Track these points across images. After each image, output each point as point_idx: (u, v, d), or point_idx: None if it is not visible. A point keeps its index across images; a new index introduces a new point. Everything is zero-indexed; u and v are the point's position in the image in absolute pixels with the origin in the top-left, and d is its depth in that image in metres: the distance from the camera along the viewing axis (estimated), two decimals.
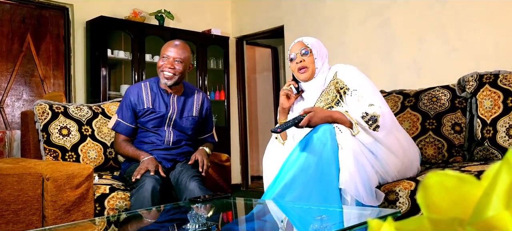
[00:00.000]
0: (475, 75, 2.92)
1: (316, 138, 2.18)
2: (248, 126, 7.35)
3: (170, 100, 2.98)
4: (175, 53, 2.92)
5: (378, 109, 2.32)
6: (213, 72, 6.84)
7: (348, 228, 1.55)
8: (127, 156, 2.92)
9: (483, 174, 0.40)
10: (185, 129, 3.00)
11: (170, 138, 2.95)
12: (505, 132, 2.69)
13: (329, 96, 2.55)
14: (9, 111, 5.20)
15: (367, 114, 2.30)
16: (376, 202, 2.16)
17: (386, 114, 2.34)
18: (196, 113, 3.05)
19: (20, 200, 2.39)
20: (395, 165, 2.35)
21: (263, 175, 2.58)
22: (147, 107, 2.94)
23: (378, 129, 2.28)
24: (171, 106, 2.97)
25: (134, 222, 2.29)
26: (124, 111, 2.97)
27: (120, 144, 2.96)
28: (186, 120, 3.00)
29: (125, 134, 2.97)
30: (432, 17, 4.82)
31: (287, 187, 2.14)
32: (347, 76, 2.52)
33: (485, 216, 0.37)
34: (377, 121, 2.29)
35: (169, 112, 2.95)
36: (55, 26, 5.56)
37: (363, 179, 2.14)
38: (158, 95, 2.98)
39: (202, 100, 3.11)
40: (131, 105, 2.96)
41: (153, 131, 2.94)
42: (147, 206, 2.48)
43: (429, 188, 0.40)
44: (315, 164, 2.14)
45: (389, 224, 0.42)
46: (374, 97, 2.41)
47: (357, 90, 2.45)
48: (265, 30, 6.76)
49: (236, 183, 6.95)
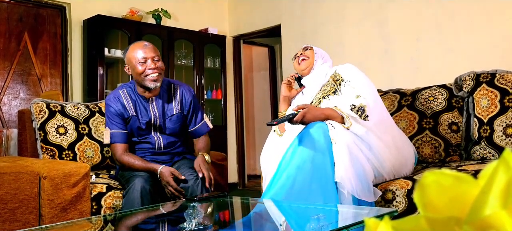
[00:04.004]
0: (472, 75, 2.93)
1: (310, 135, 2.21)
2: (245, 124, 7.35)
3: (149, 106, 2.85)
4: (151, 52, 2.77)
5: (363, 100, 2.43)
6: (210, 71, 6.84)
7: (344, 227, 1.55)
8: (136, 168, 2.75)
9: (480, 173, 0.41)
10: (172, 130, 2.89)
11: (160, 142, 2.87)
12: (502, 131, 2.69)
13: (327, 87, 2.65)
14: (6, 110, 5.19)
15: (355, 106, 2.41)
16: (372, 197, 2.17)
17: (376, 106, 2.46)
18: (177, 110, 2.90)
19: (17, 199, 2.38)
20: (390, 160, 2.37)
21: (262, 170, 2.61)
22: (131, 115, 2.82)
23: (367, 119, 2.37)
24: (152, 112, 2.84)
25: (131, 221, 2.29)
26: (113, 120, 2.82)
27: (122, 157, 2.79)
28: (170, 121, 2.87)
29: (123, 141, 2.83)
30: (429, 16, 4.83)
31: (285, 186, 2.15)
32: (344, 70, 2.64)
33: (482, 215, 0.37)
34: (364, 111, 2.39)
35: (152, 119, 2.84)
36: (52, 24, 5.55)
37: (358, 173, 2.15)
38: (138, 102, 2.85)
39: (181, 95, 2.94)
40: (117, 112, 2.82)
41: (142, 139, 2.87)
42: (137, 206, 2.47)
43: (426, 187, 0.40)
44: (311, 161, 2.16)
45: (386, 223, 0.42)
46: (363, 90, 2.49)
47: (350, 81, 2.55)
48: (262, 29, 6.75)
49: (233, 182, 6.95)
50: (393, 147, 2.40)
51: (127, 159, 2.77)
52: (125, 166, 2.78)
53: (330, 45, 5.54)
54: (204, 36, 6.63)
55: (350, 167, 2.14)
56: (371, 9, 5.33)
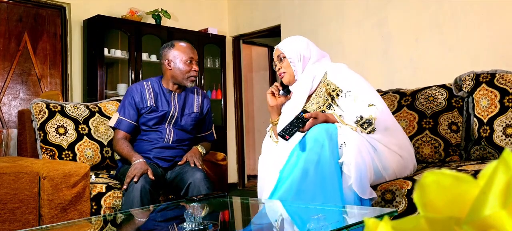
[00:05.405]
0: (472, 75, 2.93)
1: (313, 140, 2.17)
2: (244, 125, 7.35)
3: (171, 98, 3.00)
4: (196, 55, 3.02)
5: (374, 111, 2.31)
6: (209, 71, 6.84)
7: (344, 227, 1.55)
8: (122, 154, 2.89)
9: (480, 173, 0.41)
10: (185, 127, 3.01)
11: (170, 136, 2.96)
12: (502, 131, 2.69)
13: (320, 99, 2.54)
14: (6, 110, 5.19)
15: (362, 118, 2.30)
16: (367, 195, 2.15)
17: (383, 114, 2.34)
18: (197, 110, 3.08)
19: (17, 199, 2.38)
20: (394, 161, 2.35)
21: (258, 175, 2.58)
22: (150, 105, 2.95)
23: (374, 132, 2.29)
24: (173, 104, 2.99)
25: (131, 221, 2.29)
26: (126, 108, 2.96)
27: (118, 141, 2.92)
28: (188, 117, 3.02)
29: (126, 131, 2.95)
30: (429, 16, 4.83)
31: (289, 192, 2.13)
32: (338, 78, 2.49)
33: (482, 215, 0.37)
34: (372, 124, 2.28)
35: (171, 110, 2.96)
36: (52, 25, 5.55)
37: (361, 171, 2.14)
38: (160, 94, 3.00)
39: (202, 98, 3.14)
40: (134, 103, 2.96)
41: (154, 128, 2.95)
42: (136, 206, 2.47)
43: (425, 187, 0.40)
44: (315, 166, 2.13)
45: (386, 223, 0.42)
46: (370, 96, 2.40)
47: (351, 91, 2.41)
48: (262, 29, 6.75)
49: (233, 182, 6.95)
50: (397, 153, 2.38)
51: (121, 144, 2.90)
52: (115, 150, 2.97)
53: (330, 45, 5.54)
54: (204, 36, 6.63)
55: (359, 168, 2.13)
56: (371, 9, 5.33)
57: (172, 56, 2.97)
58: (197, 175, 2.68)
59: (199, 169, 2.74)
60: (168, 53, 2.98)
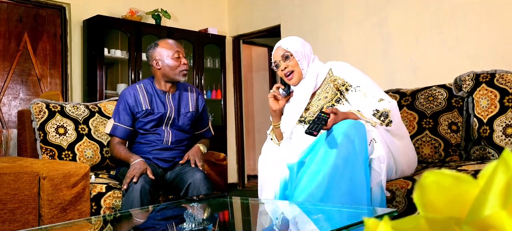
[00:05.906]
0: (472, 75, 2.93)
1: (343, 134, 2.09)
2: (244, 125, 7.35)
3: (166, 99, 2.98)
4: (182, 49, 3.00)
5: (387, 104, 2.33)
6: (209, 71, 6.84)
7: (344, 227, 1.55)
8: (119, 158, 2.87)
9: (480, 173, 0.40)
10: (183, 127, 3.00)
11: (169, 137, 2.94)
12: (502, 131, 2.69)
13: (327, 94, 2.52)
14: (6, 110, 5.19)
15: (378, 111, 2.31)
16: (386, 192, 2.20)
17: (395, 108, 2.36)
18: (192, 108, 3.06)
19: (17, 199, 2.38)
20: (402, 161, 2.35)
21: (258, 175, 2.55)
22: (146, 109, 2.92)
23: (391, 124, 2.30)
24: (168, 105, 2.96)
25: (130, 221, 2.29)
26: (121, 114, 2.93)
27: (115, 146, 2.91)
28: (184, 117, 3.00)
29: (122, 137, 2.94)
30: (428, 16, 4.83)
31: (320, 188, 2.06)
32: (345, 73, 2.49)
33: (482, 215, 0.37)
34: (388, 116, 2.30)
35: (167, 112, 2.94)
36: (52, 25, 5.54)
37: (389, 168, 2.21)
38: (154, 96, 2.97)
39: (197, 96, 3.13)
40: (129, 107, 2.93)
41: (152, 131, 2.94)
42: (136, 206, 2.47)
43: (425, 187, 0.40)
44: (344, 162, 2.07)
45: (386, 223, 0.42)
46: (378, 91, 2.41)
47: (360, 86, 2.42)
48: (262, 29, 6.75)
49: (233, 182, 6.95)
50: (404, 150, 2.38)
51: (117, 148, 2.90)
52: (113, 155, 2.96)
53: (330, 45, 5.54)
54: (204, 37, 6.63)
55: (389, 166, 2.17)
56: (371, 9, 5.33)
57: (159, 55, 2.94)
58: (197, 175, 2.67)
59: (199, 169, 2.74)
60: (154, 53, 2.96)
